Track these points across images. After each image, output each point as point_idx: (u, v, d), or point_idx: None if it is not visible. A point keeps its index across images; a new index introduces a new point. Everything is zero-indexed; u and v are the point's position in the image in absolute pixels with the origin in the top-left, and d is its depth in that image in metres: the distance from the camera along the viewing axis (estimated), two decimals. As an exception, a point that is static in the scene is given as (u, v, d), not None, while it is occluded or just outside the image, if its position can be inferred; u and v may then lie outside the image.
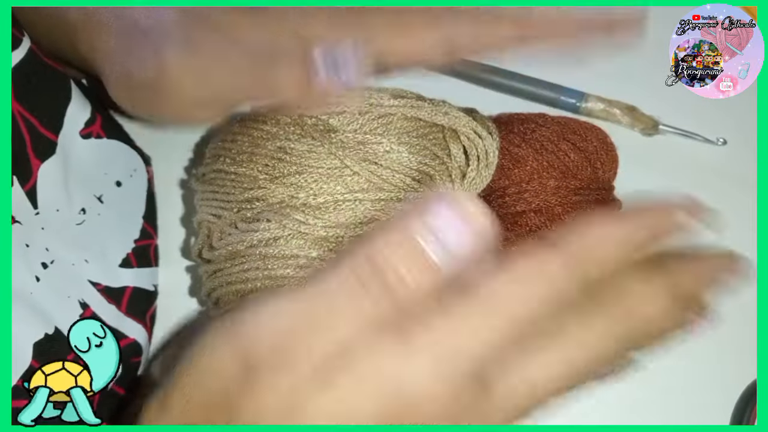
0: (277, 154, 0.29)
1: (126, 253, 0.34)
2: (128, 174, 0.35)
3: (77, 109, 0.31)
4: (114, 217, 0.33)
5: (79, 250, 0.31)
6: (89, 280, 0.31)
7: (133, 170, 0.35)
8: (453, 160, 0.29)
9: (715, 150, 0.38)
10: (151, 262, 0.35)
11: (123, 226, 0.34)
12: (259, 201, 0.29)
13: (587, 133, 0.35)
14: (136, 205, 0.35)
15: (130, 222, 0.35)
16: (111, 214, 0.33)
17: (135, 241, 0.34)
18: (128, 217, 0.35)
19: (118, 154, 0.34)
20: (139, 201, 0.36)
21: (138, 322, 0.32)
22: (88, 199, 0.32)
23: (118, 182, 0.34)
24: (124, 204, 0.34)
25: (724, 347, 0.35)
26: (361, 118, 0.28)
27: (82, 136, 0.32)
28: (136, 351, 0.32)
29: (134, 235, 0.35)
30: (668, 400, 0.34)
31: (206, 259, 0.30)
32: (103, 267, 0.32)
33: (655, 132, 0.39)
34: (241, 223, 0.29)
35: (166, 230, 0.37)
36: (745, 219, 0.36)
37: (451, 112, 0.29)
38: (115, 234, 0.33)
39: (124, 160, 0.35)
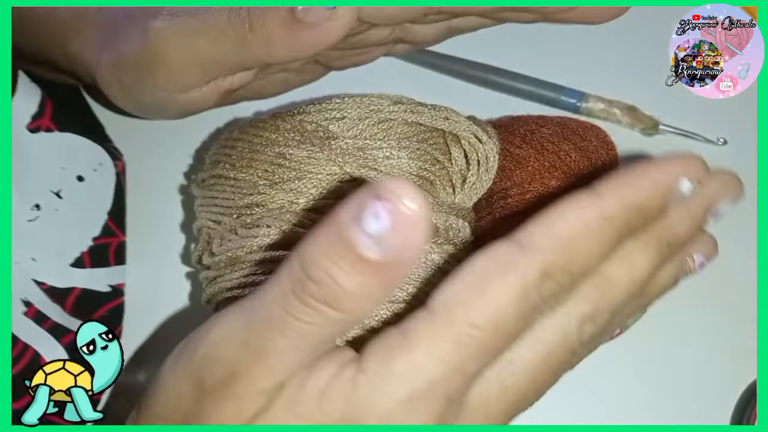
0: (277, 159, 0.29)
1: (81, 252, 0.33)
2: (91, 168, 0.34)
3: (23, 102, 0.31)
4: (74, 213, 0.32)
5: (26, 247, 0.30)
6: (33, 279, 0.31)
7: (98, 164, 0.34)
8: (454, 164, 0.29)
9: (716, 150, 0.38)
10: (110, 261, 0.34)
11: (83, 222, 0.33)
12: (258, 207, 0.29)
13: (588, 133, 0.35)
14: (100, 200, 0.34)
15: (92, 218, 0.34)
16: (70, 209, 0.32)
17: (94, 238, 0.34)
18: (90, 213, 0.34)
19: (75, 148, 0.33)
20: (105, 196, 0.35)
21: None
22: (43, 195, 0.31)
23: (80, 177, 0.33)
24: (87, 199, 0.33)
25: (724, 347, 0.35)
26: (360, 123, 0.28)
27: (30, 130, 0.31)
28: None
29: (94, 233, 0.34)
30: (668, 400, 0.34)
31: (206, 265, 0.30)
32: (52, 266, 0.31)
33: (655, 132, 0.39)
34: (240, 228, 0.29)
35: (165, 236, 0.37)
36: (745, 219, 0.36)
37: (452, 117, 0.29)
38: (72, 231, 0.33)
39: (85, 154, 0.34)
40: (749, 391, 0.34)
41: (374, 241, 0.17)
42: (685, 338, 0.35)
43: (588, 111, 0.39)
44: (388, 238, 0.17)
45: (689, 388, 0.35)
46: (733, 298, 0.36)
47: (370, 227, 0.17)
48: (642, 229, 0.21)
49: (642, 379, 0.34)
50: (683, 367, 0.35)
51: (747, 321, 0.35)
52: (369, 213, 0.17)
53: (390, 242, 0.17)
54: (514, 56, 0.40)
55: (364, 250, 0.17)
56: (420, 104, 0.29)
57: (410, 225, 0.17)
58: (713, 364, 0.35)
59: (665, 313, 0.29)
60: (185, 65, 0.29)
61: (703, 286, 0.35)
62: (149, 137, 0.38)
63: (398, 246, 0.17)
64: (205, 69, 0.29)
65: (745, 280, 0.35)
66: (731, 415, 0.34)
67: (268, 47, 0.28)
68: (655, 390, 0.34)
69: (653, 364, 0.35)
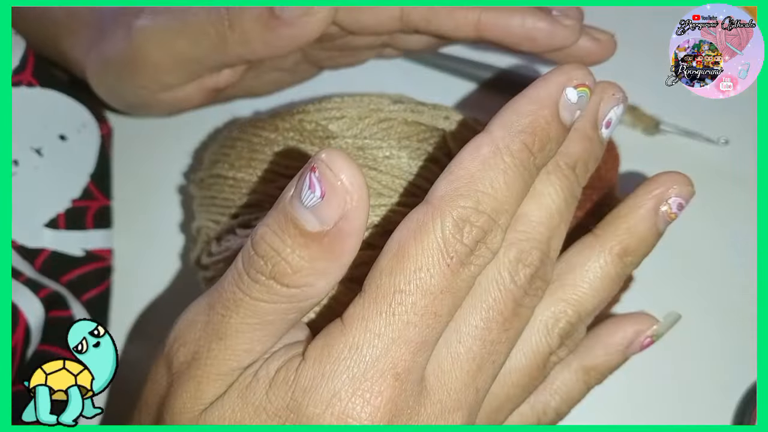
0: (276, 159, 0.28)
1: (56, 213, 0.33)
2: (75, 129, 0.33)
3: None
4: (54, 172, 0.32)
5: None
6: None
7: (82, 125, 0.34)
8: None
9: (718, 150, 0.38)
10: (86, 224, 0.34)
11: (62, 182, 0.33)
12: (257, 206, 0.29)
13: (588, 133, 0.35)
14: (82, 162, 0.34)
15: (72, 179, 0.34)
16: (51, 168, 0.32)
17: (72, 200, 0.33)
18: (71, 174, 0.33)
19: (58, 105, 0.33)
20: (87, 158, 0.34)
21: (55, 282, 0.32)
22: (22, 152, 0.31)
23: (62, 136, 0.33)
24: (69, 160, 0.33)
25: (726, 348, 0.35)
26: (360, 123, 0.28)
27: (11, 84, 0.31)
28: (59, 303, 0.31)
29: (73, 194, 0.33)
30: (669, 400, 0.34)
31: (204, 266, 0.30)
32: (24, 224, 0.31)
33: (656, 132, 0.39)
34: (239, 228, 0.29)
35: (164, 236, 0.37)
36: (746, 219, 0.36)
37: (452, 116, 0.29)
38: (51, 190, 0.32)
39: (68, 113, 0.33)
40: (750, 392, 0.34)
41: (312, 212, 0.17)
42: (686, 338, 0.35)
43: (588, 111, 0.39)
44: (322, 208, 0.17)
45: (690, 389, 0.34)
46: (734, 299, 0.36)
47: (307, 199, 0.17)
48: (545, 159, 0.20)
49: (643, 379, 0.34)
50: (684, 368, 0.35)
51: (748, 321, 0.34)
52: (305, 185, 0.17)
53: (324, 212, 0.17)
54: (514, 56, 0.40)
55: (303, 223, 0.17)
56: (420, 104, 0.29)
57: (341, 193, 0.17)
58: (714, 364, 0.34)
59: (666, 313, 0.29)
60: (167, 64, 0.29)
61: (703, 287, 0.35)
62: (148, 137, 0.38)
63: (332, 216, 0.17)
64: (186, 68, 0.30)
65: (745, 281, 0.35)
66: (732, 416, 0.34)
67: (247, 45, 0.28)
68: (656, 390, 0.34)
69: (654, 364, 0.34)
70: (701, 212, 0.37)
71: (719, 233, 0.37)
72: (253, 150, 0.29)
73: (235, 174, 0.29)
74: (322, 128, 0.28)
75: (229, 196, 0.29)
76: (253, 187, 0.29)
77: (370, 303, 0.19)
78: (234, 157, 0.29)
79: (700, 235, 0.37)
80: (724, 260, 0.36)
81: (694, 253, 0.36)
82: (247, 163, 0.29)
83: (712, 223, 0.37)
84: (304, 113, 0.29)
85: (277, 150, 0.28)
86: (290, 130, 0.29)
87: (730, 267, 0.36)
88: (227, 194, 0.29)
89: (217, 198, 0.30)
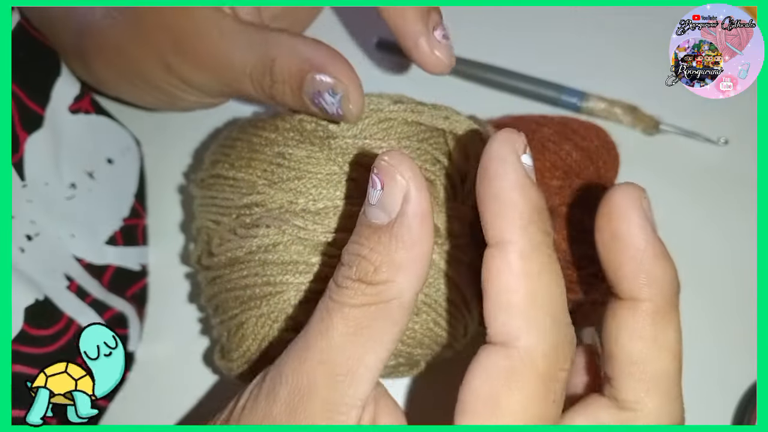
0: (276, 159, 0.28)
1: (113, 231, 0.34)
2: (120, 152, 0.35)
3: (66, 84, 0.32)
4: (105, 194, 0.34)
5: (67, 224, 0.31)
6: (74, 255, 0.32)
7: (126, 148, 0.36)
8: (454, 164, 0.29)
9: (717, 150, 0.38)
10: (138, 241, 0.36)
11: (113, 203, 0.35)
12: (258, 206, 0.29)
13: (589, 133, 0.35)
14: (127, 182, 0.36)
15: (121, 199, 0.35)
16: (102, 190, 0.33)
17: (124, 219, 0.35)
18: (119, 195, 0.35)
19: (108, 130, 0.35)
20: (131, 179, 0.36)
21: (121, 298, 0.33)
22: (78, 175, 0.32)
23: (110, 159, 0.34)
24: (116, 181, 0.35)
25: (726, 348, 0.35)
26: (360, 123, 0.28)
27: (71, 111, 0.32)
28: (121, 322, 0.33)
29: (123, 213, 0.35)
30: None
31: (205, 266, 0.30)
32: (89, 243, 0.32)
33: (656, 132, 0.39)
34: (240, 228, 0.29)
35: (164, 236, 0.37)
36: (746, 219, 0.36)
37: (452, 117, 0.29)
38: (104, 210, 0.34)
39: (115, 137, 0.35)
40: (750, 392, 0.34)
41: (378, 207, 0.19)
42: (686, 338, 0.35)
43: (589, 111, 0.39)
44: (384, 197, 0.19)
45: (690, 389, 0.34)
46: (734, 299, 0.36)
47: (373, 197, 0.19)
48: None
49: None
50: (684, 368, 0.35)
51: (748, 321, 0.34)
52: (370, 186, 0.19)
53: (387, 201, 0.19)
54: (514, 56, 0.40)
55: (373, 220, 0.19)
56: (420, 104, 0.29)
57: (396, 177, 0.18)
58: (714, 364, 0.34)
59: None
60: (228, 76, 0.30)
61: (703, 287, 0.35)
62: (148, 137, 0.38)
63: (395, 201, 0.19)
64: (230, 91, 0.31)
65: (745, 281, 0.35)
66: (732, 416, 0.34)
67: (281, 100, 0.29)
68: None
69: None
70: (701, 212, 0.37)
71: (719, 233, 0.37)
72: (253, 150, 0.29)
73: (235, 174, 0.29)
74: (323, 128, 0.28)
75: (229, 196, 0.29)
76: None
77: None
78: (234, 157, 0.29)
79: (699, 235, 0.37)
80: (724, 260, 0.36)
81: (694, 253, 0.36)
82: (247, 163, 0.29)
83: (712, 223, 0.37)
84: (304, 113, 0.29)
85: (278, 150, 0.28)
86: (290, 130, 0.29)
87: (730, 267, 0.36)
88: (227, 194, 0.29)
89: (217, 198, 0.30)
